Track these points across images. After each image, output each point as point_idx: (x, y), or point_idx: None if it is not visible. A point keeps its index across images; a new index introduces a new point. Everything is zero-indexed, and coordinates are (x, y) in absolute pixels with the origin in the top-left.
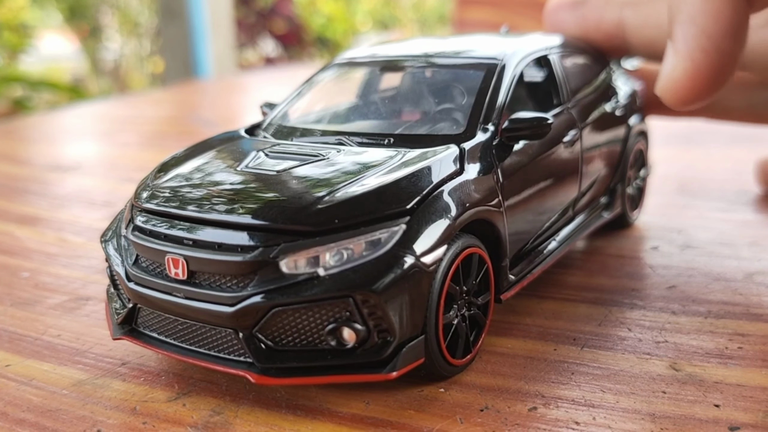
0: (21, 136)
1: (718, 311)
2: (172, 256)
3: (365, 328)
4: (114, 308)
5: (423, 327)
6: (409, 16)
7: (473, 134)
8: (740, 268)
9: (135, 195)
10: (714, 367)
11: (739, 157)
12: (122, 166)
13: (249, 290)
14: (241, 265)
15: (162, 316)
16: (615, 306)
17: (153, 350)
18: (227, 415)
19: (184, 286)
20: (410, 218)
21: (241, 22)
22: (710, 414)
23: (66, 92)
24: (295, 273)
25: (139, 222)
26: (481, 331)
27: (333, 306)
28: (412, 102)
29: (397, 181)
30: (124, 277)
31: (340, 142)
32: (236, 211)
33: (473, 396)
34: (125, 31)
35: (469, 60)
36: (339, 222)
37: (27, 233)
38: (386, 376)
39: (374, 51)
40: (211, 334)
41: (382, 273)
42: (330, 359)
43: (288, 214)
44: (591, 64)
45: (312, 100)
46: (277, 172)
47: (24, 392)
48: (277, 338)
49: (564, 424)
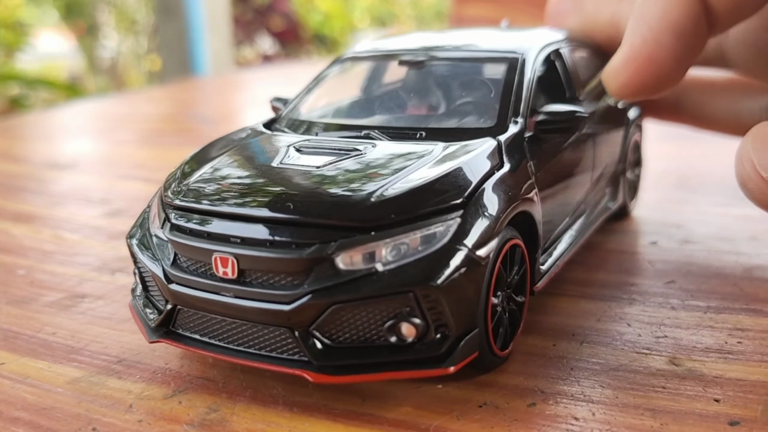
0: (18, 134)
1: (718, 306)
2: (219, 254)
3: (424, 323)
4: (144, 311)
5: (476, 320)
6: (406, 12)
7: (505, 127)
8: (739, 262)
9: (165, 192)
10: (713, 362)
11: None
12: (119, 163)
13: (305, 288)
14: (297, 263)
15: (206, 316)
16: (614, 301)
17: (196, 352)
18: (224, 412)
19: (233, 285)
20: (463, 211)
21: (238, 20)
22: (710, 409)
23: (63, 90)
24: (352, 269)
25: (176, 220)
26: (517, 326)
27: (393, 302)
28: (434, 95)
29: (446, 174)
30: (163, 278)
31: (368, 136)
32: (287, 208)
33: (471, 392)
34: (122, 29)
35: (488, 53)
36: (395, 217)
37: (23, 231)
38: (444, 371)
39: (386, 45)
40: (262, 333)
41: (440, 267)
42: (387, 355)
43: (343, 210)
44: (594, 57)
45: (326, 94)
46: (317, 167)
47: (19, 390)
48: (334, 336)
49: (563, 419)
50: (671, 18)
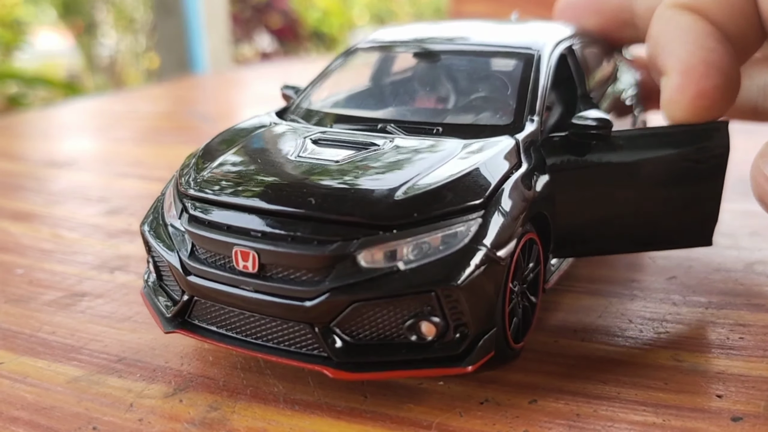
0: (16, 133)
1: (719, 302)
2: (240, 248)
3: (444, 322)
4: (159, 301)
5: (494, 319)
6: (405, 10)
7: (522, 125)
8: (740, 258)
9: (180, 181)
10: (716, 357)
11: (738, 147)
12: (117, 161)
13: (327, 284)
14: (319, 259)
15: (223, 308)
16: (616, 297)
17: (212, 343)
18: (224, 410)
19: (253, 279)
20: (484, 212)
21: (236, 17)
22: (713, 405)
23: (61, 88)
24: (374, 267)
25: (194, 211)
26: (529, 322)
27: (414, 300)
28: (448, 89)
29: (467, 174)
30: (180, 269)
31: (384, 129)
32: (309, 203)
33: (473, 389)
34: (120, 27)
35: (504, 48)
36: (417, 216)
37: (21, 229)
38: (463, 370)
39: (403, 34)
40: (281, 328)
41: (462, 267)
42: (406, 353)
43: (366, 208)
44: (604, 54)
45: (338, 85)
46: (336, 162)
47: (18, 390)
48: (354, 333)
49: (565, 416)
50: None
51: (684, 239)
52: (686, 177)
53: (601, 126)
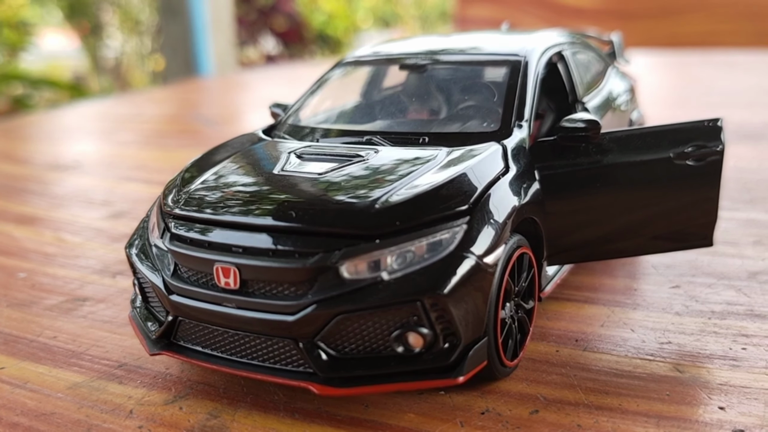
0: (20, 135)
1: (722, 311)
2: (221, 264)
3: (432, 332)
4: (144, 322)
5: (485, 329)
6: (410, 13)
7: (509, 132)
8: (744, 267)
9: (164, 201)
10: (718, 368)
11: (742, 155)
12: (122, 164)
13: (310, 298)
14: (301, 272)
15: (207, 328)
16: (618, 306)
17: (198, 364)
18: (224, 418)
19: (235, 295)
20: (470, 218)
21: (241, 20)
22: (715, 417)
23: (66, 90)
24: (357, 278)
25: (176, 230)
26: (525, 335)
27: (399, 311)
28: (435, 100)
29: (452, 180)
30: (163, 289)
31: (370, 141)
32: (290, 216)
33: (474, 399)
34: (126, 29)
35: (490, 56)
36: (400, 224)
37: (25, 233)
38: (453, 381)
39: (386, 49)
40: (265, 344)
41: (448, 275)
42: (394, 366)
43: (347, 218)
44: (596, 60)
45: (326, 100)
46: (319, 174)
47: (18, 395)
48: (340, 346)
49: (566, 427)
50: None
51: (684, 240)
52: (681, 176)
53: (589, 128)
